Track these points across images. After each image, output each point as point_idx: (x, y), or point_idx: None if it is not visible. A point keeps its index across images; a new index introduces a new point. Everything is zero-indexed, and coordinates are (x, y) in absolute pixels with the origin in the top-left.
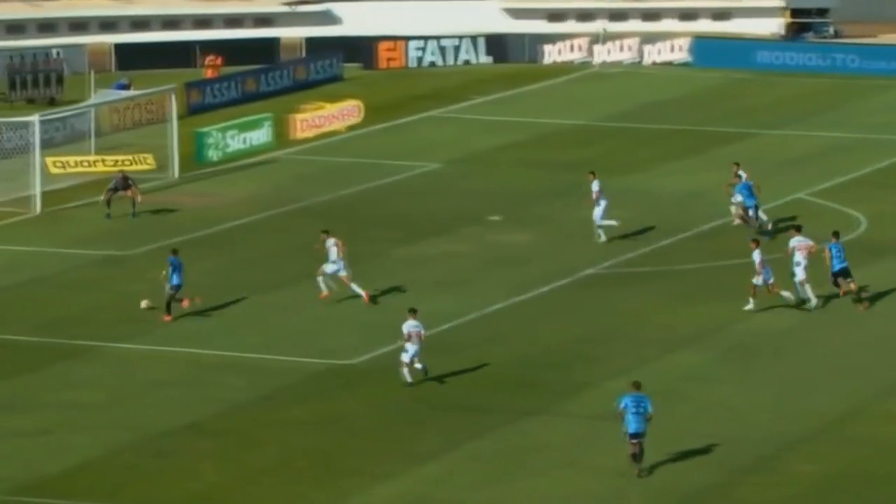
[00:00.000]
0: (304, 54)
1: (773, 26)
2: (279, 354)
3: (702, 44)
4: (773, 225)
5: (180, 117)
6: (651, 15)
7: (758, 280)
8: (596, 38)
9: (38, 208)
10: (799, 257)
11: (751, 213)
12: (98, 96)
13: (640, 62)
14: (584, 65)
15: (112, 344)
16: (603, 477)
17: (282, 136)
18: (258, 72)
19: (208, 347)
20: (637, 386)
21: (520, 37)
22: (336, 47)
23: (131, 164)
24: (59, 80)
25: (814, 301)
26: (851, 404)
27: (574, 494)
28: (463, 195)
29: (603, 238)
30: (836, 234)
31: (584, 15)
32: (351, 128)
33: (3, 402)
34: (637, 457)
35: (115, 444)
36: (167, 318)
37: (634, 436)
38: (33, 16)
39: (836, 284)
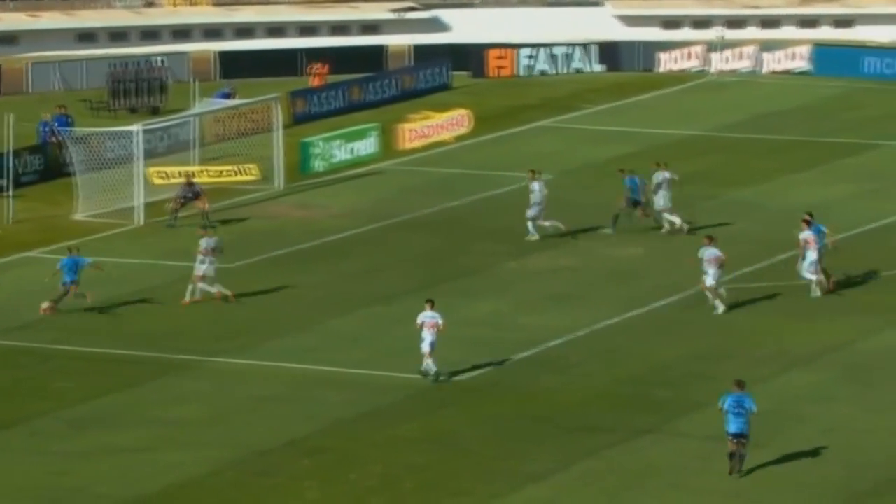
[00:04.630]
0: (411, 62)
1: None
2: (384, 370)
3: (822, 52)
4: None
5: (285, 127)
6: (770, 22)
7: None
8: (712, 46)
9: (141, 220)
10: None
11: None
12: (201, 105)
13: (757, 71)
14: (700, 73)
15: (212, 359)
16: (715, 499)
17: (388, 146)
18: (364, 80)
19: (310, 363)
20: (740, 385)
21: (633, 44)
22: (444, 55)
23: (235, 174)
24: (162, 89)
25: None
26: None
27: None
28: (574, 207)
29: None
30: None
31: (701, 22)
32: (459, 138)
33: (104, 418)
34: (734, 455)
35: (217, 461)
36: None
37: (735, 436)
38: (136, 23)
39: None
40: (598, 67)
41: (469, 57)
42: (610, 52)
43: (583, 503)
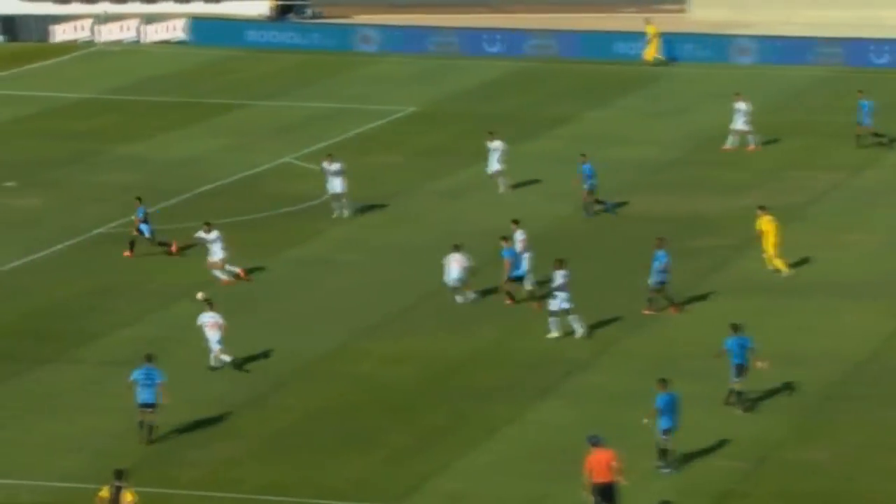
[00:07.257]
0: None
1: (261, 8)
2: None
3: (197, 24)
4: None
5: None
6: None
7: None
8: (99, 19)
9: None
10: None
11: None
12: None
13: (140, 41)
14: (89, 43)
15: None
16: (114, 416)
17: None
18: None
19: None
20: (149, 358)
21: (29, 17)
22: None
23: None
24: None
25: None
26: (332, 344)
27: (89, 433)
28: None
29: None
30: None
31: None
32: None
33: None
34: (143, 425)
35: None
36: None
37: (144, 405)
38: None
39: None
40: None
41: None
42: (8, 25)
43: None
